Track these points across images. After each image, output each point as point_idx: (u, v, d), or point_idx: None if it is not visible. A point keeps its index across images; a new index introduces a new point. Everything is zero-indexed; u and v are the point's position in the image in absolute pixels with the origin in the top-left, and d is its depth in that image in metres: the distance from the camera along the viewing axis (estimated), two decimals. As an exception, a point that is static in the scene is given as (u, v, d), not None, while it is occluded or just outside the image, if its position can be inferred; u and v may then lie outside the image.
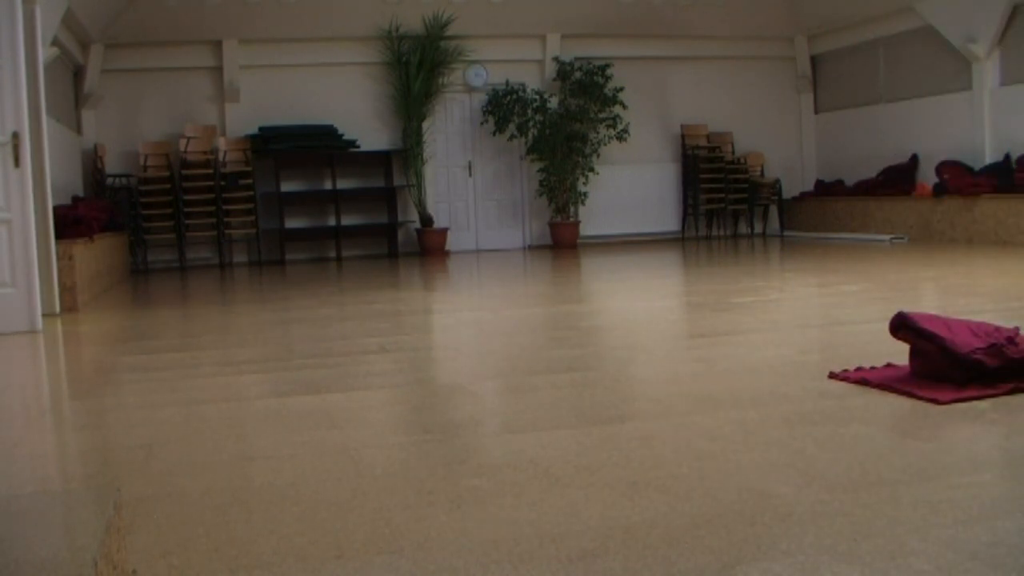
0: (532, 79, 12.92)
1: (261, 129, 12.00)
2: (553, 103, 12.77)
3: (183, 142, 11.84)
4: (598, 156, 12.77)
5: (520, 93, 12.59)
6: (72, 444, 3.41)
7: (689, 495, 2.42)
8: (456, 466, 2.79)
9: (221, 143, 11.99)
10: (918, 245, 10.82)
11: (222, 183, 11.79)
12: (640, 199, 13.47)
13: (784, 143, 13.95)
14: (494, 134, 12.66)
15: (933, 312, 4.21)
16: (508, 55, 12.83)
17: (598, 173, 12.86)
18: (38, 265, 6.18)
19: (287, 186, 12.16)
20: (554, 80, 12.85)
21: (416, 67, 12.28)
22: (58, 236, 6.97)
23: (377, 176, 12.60)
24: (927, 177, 11.63)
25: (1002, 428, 3.01)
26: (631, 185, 13.39)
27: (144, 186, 11.69)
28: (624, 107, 12.65)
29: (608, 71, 12.56)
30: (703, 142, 13.59)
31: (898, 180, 12.02)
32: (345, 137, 12.24)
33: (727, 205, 13.51)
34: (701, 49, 13.47)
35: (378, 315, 6.74)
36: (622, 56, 12.93)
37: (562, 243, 12.84)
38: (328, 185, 12.24)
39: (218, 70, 12.14)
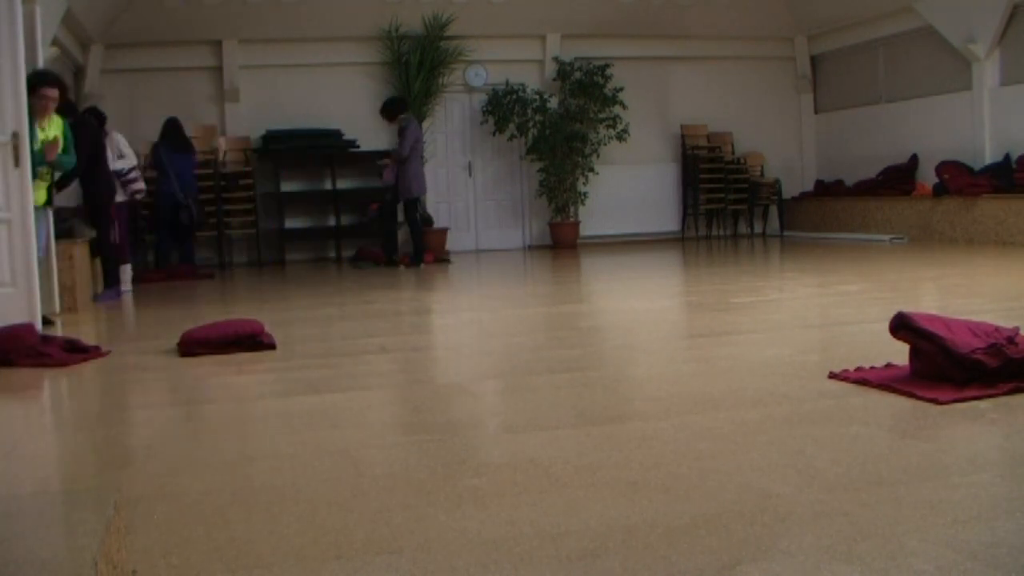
0: (532, 79, 12.91)
1: (268, 132, 11.98)
2: (553, 103, 12.76)
3: (183, 142, 11.83)
4: (598, 156, 12.76)
5: (520, 93, 12.59)
6: (72, 444, 3.40)
7: (689, 495, 2.42)
8: (456, 466, 2.79)
9: (221, 143, 11.99)
10: (918, 245, 10.81)
11: (222, 183, 11.78)
12: (640, 199, 13.45)
13: (784, 143, 13.93)
14: (494, 134, 12.66)
15: (933, 312, 4.21)
16: (508, 55, 12.82)
17: (598, 173, 12.85)
18: (38, 265, 6.17)
19: (287, 186, 12.15)
20: (554, 80, 12.84)
21: (416, 67, 12.28)
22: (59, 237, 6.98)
23: (377, 176, 12.58)
24: (927, 177, 11.62)
25: (1002, 428, 3.01)
26: (631, 185, 13.38)
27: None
28: (624, 107, 12.65)
29: (608, 71, 12.55)
30: (703, 142, 13.58)
31: (898, 180, 12.02)
32: (345, 137, 12.24)
33: (727, 205, 13.50)
34: (701, 49, 13.46)
35: (378, 315, 6.74)
36: (622, 56, 12.92)
37: (562, 243, 12.83)
38: (328, 185, 12.24)
39: (218, 70, 12.14)
